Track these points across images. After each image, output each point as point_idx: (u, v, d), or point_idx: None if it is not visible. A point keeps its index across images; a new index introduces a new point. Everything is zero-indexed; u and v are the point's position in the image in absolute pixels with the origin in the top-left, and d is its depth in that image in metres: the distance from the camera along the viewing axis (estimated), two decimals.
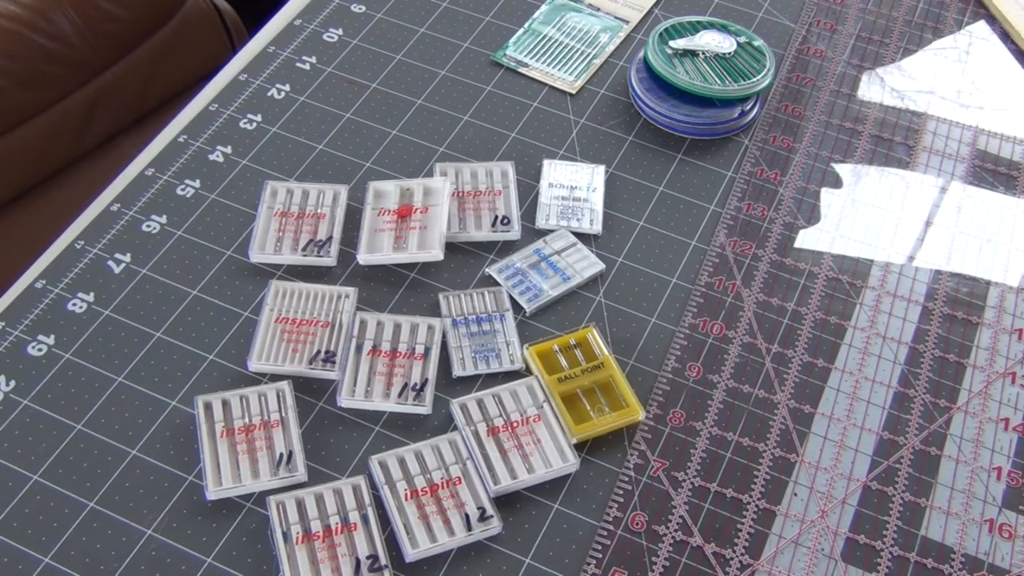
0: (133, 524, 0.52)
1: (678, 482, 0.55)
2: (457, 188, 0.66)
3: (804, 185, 0.69)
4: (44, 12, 1.15)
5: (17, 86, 1.13)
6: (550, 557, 0.52)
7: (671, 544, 0.52)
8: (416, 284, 0.62)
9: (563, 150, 0.70)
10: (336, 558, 0.50)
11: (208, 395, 0.56)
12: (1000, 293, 0.64)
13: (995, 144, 0.72)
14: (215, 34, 1.35)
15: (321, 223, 0.64)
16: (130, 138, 1.26)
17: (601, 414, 0.57)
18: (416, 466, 0.54)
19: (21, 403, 0.56)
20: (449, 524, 0.52)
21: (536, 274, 0.62)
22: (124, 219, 0.64)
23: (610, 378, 0.58)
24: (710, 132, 0.71)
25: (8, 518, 0.52)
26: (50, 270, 0.62)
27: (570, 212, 0.66)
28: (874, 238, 0.66)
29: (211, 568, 0.51)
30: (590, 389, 0.58)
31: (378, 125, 0.70)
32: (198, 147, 0.68)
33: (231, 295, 0.61)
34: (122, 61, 1.24)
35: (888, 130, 0.72)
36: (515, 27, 0.77)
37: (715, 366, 0.59)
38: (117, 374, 0.57)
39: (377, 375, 0.57)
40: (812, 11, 0.80)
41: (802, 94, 0.74)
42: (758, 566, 0.52)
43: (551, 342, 0.59)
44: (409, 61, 0.75)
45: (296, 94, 0.72)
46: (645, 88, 0.71)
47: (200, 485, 0.53)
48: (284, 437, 0.55)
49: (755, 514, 0.54)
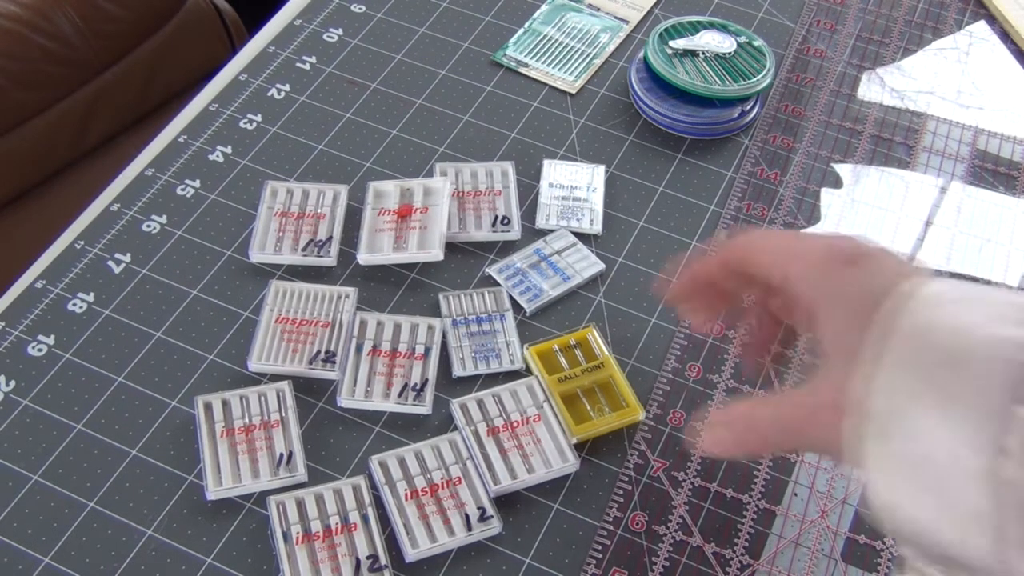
0: (133, 524, 0.52)
1: (678, 482, 0.55)
2: (457, 188, 0.66)
3: (804, 185, 0.69)
4: (44, 12, 1.15)
5: (17, 86, 1.13)
6: (550, 557, 0.52)
7: (671, 544, 0.52)
8: (416, 284, 0.62)
9: (563, 150, 0.70)
10: (336, 558, 0.50)
11: (208, 395, 0.56)
12: None
13: (995, 144, 0.72)
14: (215, 34, 1.35)
15: (321, 223, 0.64)
16: (130, 138, 1.26)
17: (601, 414, 0.57)
18: (416, 466, 0.54)
19: (21, 403, 0.56)
20: (449, 524, 0.52)
21: (536, 274, 0.62)
22: (124, 219, 0.64)
23: (610, 378, 0.58)
24: (710, 132, 0.71)
25: (8, 518, 0.52)
26: (50, 270, 0.62)
27: (570, 212, 0.66)
28: (874, 238, 0.66)
29: (211, 568, 0.51)
30: (590, 389, 0.58)
31: (378, 125, 0.70)
32: (198, 147, 0.68)
33: (231, 295, 0.61)
34: (122, 61, 1.24)
35: (888, 130, 0.72)
36: (515, 27, 0.77)
37: (715, 366, 0.59)
38: (117, 374, 0.57)
39: (377, 375, 0.57)
40: (812, 11, 0.80)
41: (802, 94, 0.74)
42: (758, 566, 0.52)
43: (551, 342, 0.59)
44: (409, 61, 0.75)
45: (296, 94, 0.72)
46: (645, 88, 0.71)
47: (200, 485, 0.53)
48: (284, 437, 0.55)
49: (755, 514, 0.54)
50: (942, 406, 0.38)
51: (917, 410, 0.39)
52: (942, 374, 0.39)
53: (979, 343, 0.39)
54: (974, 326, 0.39)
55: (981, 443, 0.37)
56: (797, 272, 0.46)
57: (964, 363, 0.38)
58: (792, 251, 0.47)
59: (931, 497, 0.38)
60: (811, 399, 0.44)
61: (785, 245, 0.47)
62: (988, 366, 0.38)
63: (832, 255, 0.45)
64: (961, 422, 0.37)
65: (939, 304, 0.41)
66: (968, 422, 0.37)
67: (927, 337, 0.40)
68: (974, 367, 0.38)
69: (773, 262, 0.47)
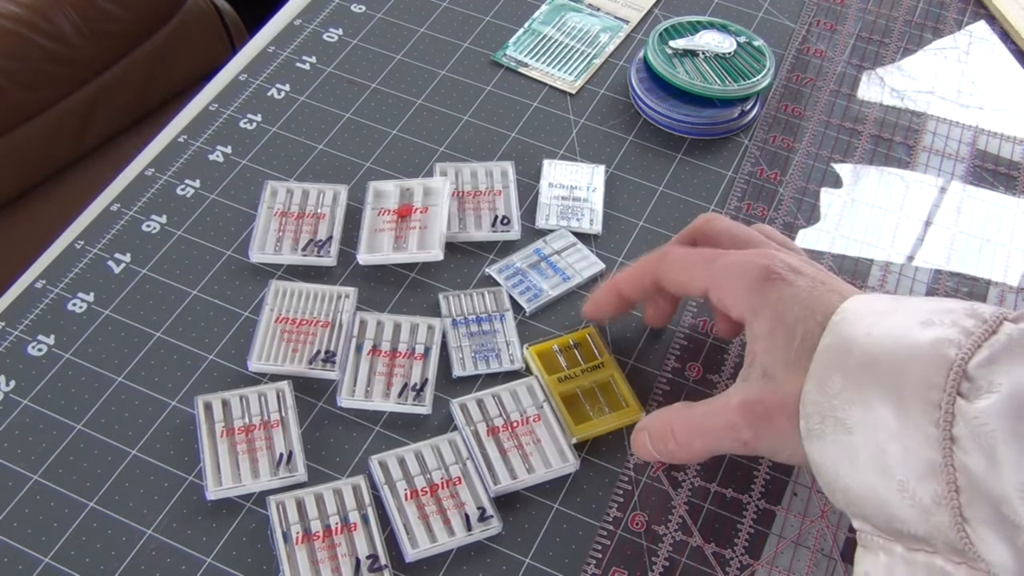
0: (133, 524, 0.52)
1: (678, 482, 0.55)
2: (457, 188, 0.66)
3: (804, 185, 0.69)
4: (44, 12, 1.15)
5: (17, 86, 1.14)
6: (550, 557, 0.52)
7: (671, 544, 0.52)
8: (416, 284, 0.62)
9: (563, 150, 0.70)
10: (336, 558, 0.50)
11: (208, 395, 0.56)
12: (1000, 293, 0.64)
13: (995, 144, 0.72)
14: (215, 34, 1.35)
15: (321, 223, 0.64)
16: (130, 138, 1.26)
17: (601, 414, 0.57)
18: (416, 466, 0.54)
19: (21, 403, 0.56)
20: (449, 524, 0.52)
21: (536, 274, 0.62)
22: (124, 219, 0.64)
23: (610, 378, 0.58)
24: (710, 132, 0.71)
25: (8, 518, 0.52)
26: (50, 270, 0.62)
27: (570, 212, 0.66)
28: (874, 238, 0.66)
29: (211, 568, 0.51)
30: (590, 389, 0.58)
31: (378, 125, 0.70)
32: (198, 147, 0.68)
33: (231, 295, 0.61)
34: (122, 61, 1.24)
35: (888, 130, 0.72)
36: (515, 27, 0.78)
37: (715, 366, 0.59)
38: (117, 374, 0.57)
39: (377, 375, 0.57)
40: (812, 11, 0.80)
41: (802, 94, 0.74)
42: (758, 566, 0.52)
43: (551, 342, 0.59)
44: (409, 61, 0.75)
45: (296, 94, 0.72)
46: (645, 88, 0.71)
47: (200, 485, 0.53)
48: (284, 437, 0.55)
49: (755, 514, 0.54)
50: (881, 402, 0.42)
51: (850, 408, 0.43)
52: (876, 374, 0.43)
53: (903, 345, 0.43)
54: (897, 329, 0.44)
55: (928, 434, 0.41)
56: (731, 295, 0.50)
57: (894, 363, 0.43)
58: (719, 275, 0.51)
59: (879, 479, 0.43)
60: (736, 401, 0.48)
61: (710, 270, 0.52)
62: (916, 365, 0.42)
63: (760, 271, 0.49)
64: (904, 415, 0.42)
65: (861, 316, 0.46)
66: (911, 416, 0.41)
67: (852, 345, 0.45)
68: (907, 367, 0.42)
69: (700, 284, 0.52)
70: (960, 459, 0.40)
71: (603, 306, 0.58)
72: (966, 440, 0.40)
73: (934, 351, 0.42)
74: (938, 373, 0.41)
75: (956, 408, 0.40)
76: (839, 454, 0.44)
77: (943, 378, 0.41)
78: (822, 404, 0.44)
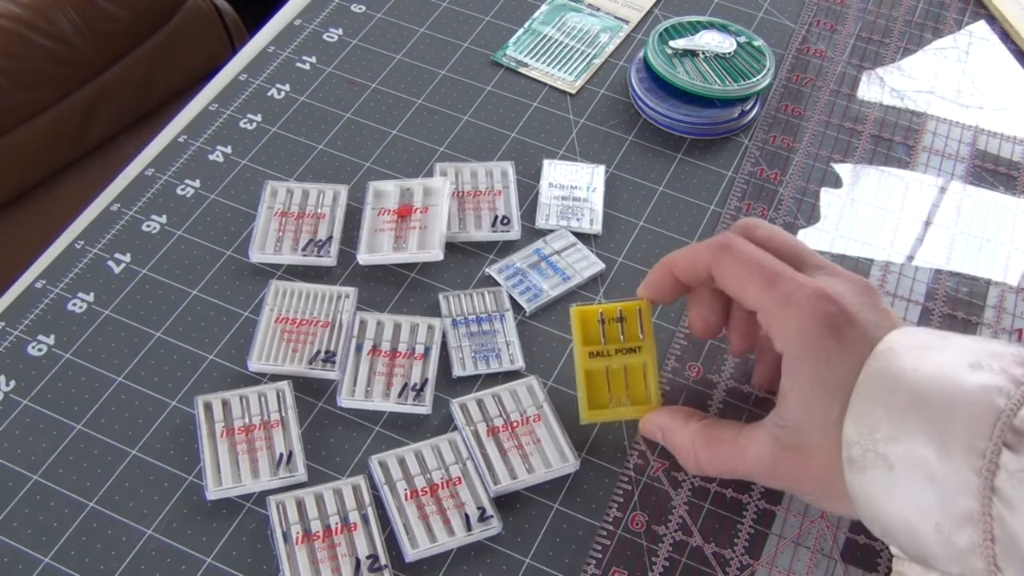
0: (133, 524, 0.52)
1: (678, 482, 0.55)
2: (457, 188, 0.66)
3: (804, 185, 0.69)
4: (44, 12, 1.15)
5: (17, 86, 1.14)
6: (550, 557, 0.52)
7: (671, 544, 0.52)
8: (416, 284, 0.62)
9: (563, 150, 0.70)
10: (336, 558, 0.50)
11: (208, 395, 0.56)
12: (1000, 293, 0.64)
13: (995, 144, 0.72)
14: (215, 34, 1.35)
15: (321, 223, 0.64)
16: (130, 138, 1.26)
17: (620, 404, 0.54)
18: (416, 466, 0.54)
19: (21, 403, 0.56)
20: (449, 524, 0.52)
21: (536, 274, 0.62)
22: (124, 219, 0.64)
23: (643, 365, 0.54)
24: (710, 132, 0.71)
25: (8, 518, 0.52)
26: (50, 270, 0.62)
27: (570, 212, 0.66)
28: (874, 238, 0.66)
29: (211, 568, 0.51)
30: (618, 372, 0.54)
31: (378, 125, 0.70)
32: (198, 147, 0.68)
33: (231, 295, 0.61)
34: (122, 61, 1.24)
35: (888, 130, 0.72)
36: (515, 27, 0.78)
37: (715, 366, 0.59)
38: (117, 374, 0.57)
39: (377, 375, 0.57)
40: (812, 11, 0.80)
41: (802, 94, 0.74)
42: (758, 566, 0.52)
43: (598, 307, 0.54)
44: (409, 61, 0.75)
45: (296, 94, 0.72)
46: (645, 88, 0.71)
47: (200, 485, 0.53)
48: (284, 437, 0.55)
49: (755, 514, 0.54)
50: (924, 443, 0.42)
51: (892, 445, 0.43)
52: (921, 413, 0.42)
53: (951, 387, 0.42)
54: (944, 369, 0.43)
55: (968, 481, 0.40)
56: (780, 330, 0.48)
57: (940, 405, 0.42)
58: (774, 306, 0.48)
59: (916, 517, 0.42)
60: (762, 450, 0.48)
61: (767, 294, 0.48)
62: (964, 410, 0.41)
63: (816, 319, 0.47)
64: (946, 459, 0.41)
65: (908, 350, 0.44)
66: (953, 460, 0.41)
67: (899, 379, 0.43)
68: (954, 410, 0.41)
69: (754, 302, 0.49)
70: (999, 510, 0.39)
71: (657, 289, 0.53)
72: (1008, 492, 0.39)
73: (983, 398, 0.41)
74: (986, 421, 0.40)
75: (1001, 459, 0.40)
76: (878, 487, 0.43)
77: (990, 427, 0.40)
78: (863, 436, 0.44)
